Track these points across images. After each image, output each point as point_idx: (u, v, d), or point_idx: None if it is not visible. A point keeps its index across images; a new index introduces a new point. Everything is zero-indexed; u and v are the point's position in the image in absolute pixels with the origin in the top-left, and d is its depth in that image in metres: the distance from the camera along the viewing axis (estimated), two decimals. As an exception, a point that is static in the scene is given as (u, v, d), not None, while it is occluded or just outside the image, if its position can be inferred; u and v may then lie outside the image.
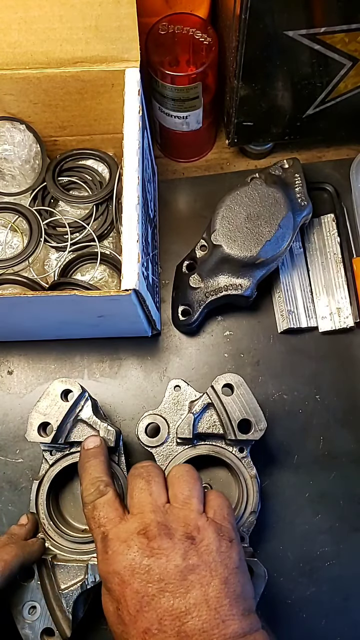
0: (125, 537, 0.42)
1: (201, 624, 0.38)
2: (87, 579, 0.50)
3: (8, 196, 0.65)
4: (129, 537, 0.42)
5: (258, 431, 0.53)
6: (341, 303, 0.66)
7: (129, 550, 0.41)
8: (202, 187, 0.74)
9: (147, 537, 0.41)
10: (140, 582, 0.40)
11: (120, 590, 0.40)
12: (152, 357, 0.67)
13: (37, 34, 0.53)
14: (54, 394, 0.54)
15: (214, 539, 0.42)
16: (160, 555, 0.40)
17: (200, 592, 0.39)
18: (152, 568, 0.40)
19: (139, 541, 0.41)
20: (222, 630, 0.38)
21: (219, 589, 0.40)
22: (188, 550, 0.41)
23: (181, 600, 0.39)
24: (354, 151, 0.74)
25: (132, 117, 0.53)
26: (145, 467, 0.47)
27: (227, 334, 0.67)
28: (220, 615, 0.39)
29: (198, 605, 0.39)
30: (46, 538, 0.54)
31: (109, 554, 0.42)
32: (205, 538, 0.42)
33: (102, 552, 0.43)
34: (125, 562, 0.41)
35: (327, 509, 0.61)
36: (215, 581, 0.40)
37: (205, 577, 0.40)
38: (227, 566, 0.41)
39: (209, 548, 0.41)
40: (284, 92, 0.61)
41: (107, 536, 0.43)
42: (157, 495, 0.44)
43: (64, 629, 0.50)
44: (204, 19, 0.62)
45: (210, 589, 0.39)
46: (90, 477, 0.48)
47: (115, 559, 0.41)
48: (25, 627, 0.50)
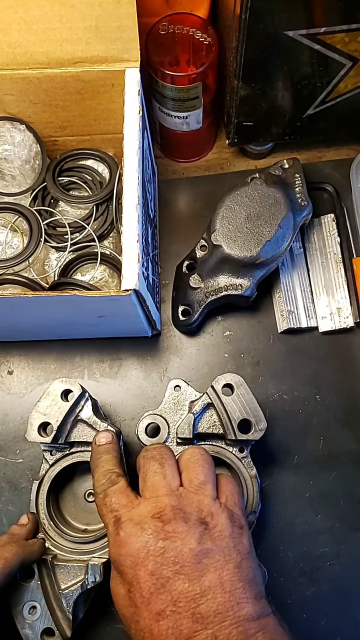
0: (139, 519, 0.42)
1: (216, 606, 0.38)
2: (88, 579, 0.50)
3: (8, 196, 0.65)
4: (142, 520, 0.42)
5: (258, 431, 0.53)
6: (341, 303, 0.66)
7: (143, 533, 0.41)
8: (202, 187, 0.74)
9: (161, 520, 0.41)
10: (155, 564, 0.40)
11: (134, 572, 0.40)
12: (152, 357, 0.67)
13: (37, 34, 0.53)
14: (54, 394, 0.54)
15: (227, 525, 0.42)
16: (175, 539, 0.40)
17: (215, 575, 0.40)
18: (167, 550, 0.40)
19: (154, 524, 0.41)
20: (236, 612, 0.38)
21: (233, 573, 0.40)
22: (202, 535, 0.41)
23: (196, 583, 0.39)
24: (354, 151, 0.74)
25: (132, 117, 0.53)
26: (158, 449, 0.47)
27: (227, 334, 0.67)
28: (234, 597, 0.39)
29: (213, 588, 0.39)
30: (46, 538, 0.54)
31: (121, 536, 0.42)
32: (218, 524, 0.42)
33: (114, 535, 0.42)
34: (139, 544, 0.40)
35: (327, 509, 0.61)
36: (229, 565, 0.40)
37: (219, 561, 0.40)
38: (239, 551, 0.42)
39: (222, 534, 0.42)
40: (284, 92, 0.61)
41: (119, 519, 0.43)
42: (170, 478, 0.44)
43: (64, 629, 0.50)
44: (204, 19, 0.62)
45: (225, 573, 0.40)
46: (103, 469, 0.48)
47: (129, 540, 0.41)
48: (25, 627, 0.50)
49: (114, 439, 0.52)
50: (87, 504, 0.59)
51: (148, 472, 0.45)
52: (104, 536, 0.54)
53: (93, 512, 0.59)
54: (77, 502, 0.59)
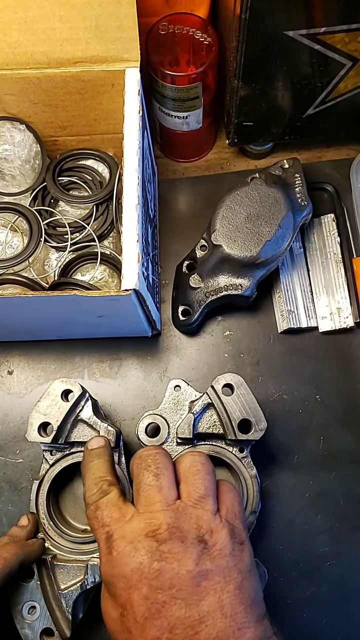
0: (132, 537, 0.39)
1: (216, 633, 0.36)
2: (87, 579, 0.50)
3: (8, 196, 0.65)
4: (136, 539, 0.39)
5: (258, 431, 0.53)
6: (341, 303, 0.66)
7: (137, 553, 0.38)
8: (202, 187, 0.74)
9: (156, 539, 0.39)
10: (150, 587, 0.37)
11: (127, 595, 0.38)
12: (152, 357, 0.67)
13: (37, 34, 0.53)
14: (55, 394, 0.54)
15: (228, 542, 0.40)
16: (171, 560, 0.38)
17: (215, 598, 0.37)
18: (162, 573, 0.37)
19: (148, 544, 0.39)
20: (237, 638, 0.36)
21: (234, 595, 0.38)
22: (201, 555, 0.38)
23: (194, 608, 0.37)
24: (354, 151, 0.74)
25: (132, 117, 0.53)
26: (153, 458, 0.44)
27: (227, 334, 0.67)
28: (236, 623, 0.37)
29: (212, 613, 0.37)
30: (46, 538, 0.54)
31: (113, 555, 0.39)
32: (218, 542, 0.39)
33: (106, 554, 0.40)
34: (133, 565, 0.38)
35: (327, 509, 0.61)
36: (230, 587, 0.38)
37: (219, 582, 0.38)
38: (240, 570, 0.39)
39: (222, 552, 0.39)
40: (284, 92, 0.61)
41: (111, 536, 0.40)
42: (167, 491, 0.41)
43: (63, 629, 0.49)
44: (204, 19, 0.62)
45: (225, 595, 0.37)
46: (94, 476, 0.46)
47: (121, 560, 0.39)
48: (24, 627, 0.50)
49: (106, 443, 0.50)
50: (87, 504, 0.59)
51: (141, 483, 0.42)
52: None
53: (93, 512, 0.59)
54: (77, 502, 0.59)
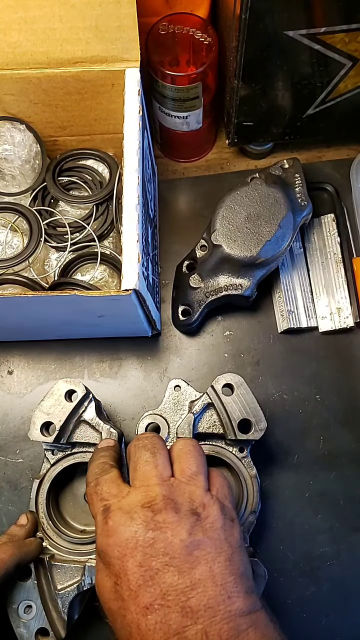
0: (128, 509, 0.41)
1: (206, 600, 0.37)
2: (84, 581, 0.50)
3: (8, 196, 0.65)
4: (132, 509, 0.40)
5: (258, 431, 0.53)
6: (341, 303, 0.66)
7: (132, 522, 0.40)
8: (202, 187, 0.74)
9: (152, 510, 0.40)
10: (144, 555, 0.38)
11: (121, 563, 0.39)
12: (152, 357, 0.67)
13: (37, 34, 0.53)
14: (59, 393, 0.54)
15: (219, 516, 0.41)
16: (165, 529, 0.39)
17: (206, 568, 0.38)
18: (157, 541, 0.39)
19: (144, 514, 0.40)
20: (227, 606, 0.37)
21: (224, 566, 0.39)
22: (194, 526, 0.40)
23: (186, 575, 0.38)
24: (354, 151, 0.74)
25: (132, 117, 0.53)
26: (150, 439, 0.46)
27: (227, 334, 0.67)
28: (226, 591, 0.38)
29: (204, 581, 0.38)
30: (44, 537, 0.54)
31: (109, 525, 0.40)
32: (210, 515, 0.41)
33: (102, 524, 0.41)
34: (128, 534, 0.39)
35: (327, 509, 0.61)
36: (221, 558, 0.39)
37: (211, 553, 0.39)
38: (230, 544, 0.41)
39: (214, 525, 0.41)
40: (284, 92, 0.61)
41: (108, 508, 0.42)
42: (162, 467, 0.43)
43: (58, 630, 0.49)
44: (204, 19, 0.62)
45: (216, 565, 0.39)
46: (98, 462, 0.48)
47: (117, 530, 0.40)
48: (20, 626, 0.50)
49: (115, 443, 0.52)
50: (86, 504, 0.59)
51: (139, 460, 0.44)
52: None
53: (92, 513, 0.59)
54: (76, 502, 0.59)
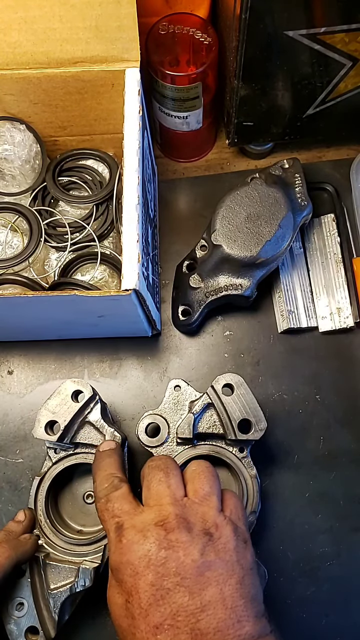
0: (141, 527, 0.41)
1: (216, 623, 0.37)
2: (77, 582, 0.50)
3: (8, 196, 0.65)
4: (145, 527, 0.40)
5: (258, 431, 0.53)
6: (341, 303, 0.66)
7: (146, 541, 0.40)
8: (202, 187, 0.74)
9: (165, 528, 0.40)
10: (156, 574, 0.38)
11: (133, 581, 0.39)
12: (152, 357, 0.67)
13: (37, 34, 0.53)
14: (65, 393, 0.54)
15: (232, 537, 0.41)
16: (178, 549, 0.39)
17: (217, 589, 0.38)
18: (169, 561, 0.39)
19: (157, 532, 0.40)
20: (237, 630, 0.37)
21: (235, 589, 0.39)
22: (206, 546, 0.40)
23: (197, 597, 0.38)
24: (354, 151, 0.74)
25: (132, 117, 0.53)
26: (164, 460, 0.46)
27: (227, 334, 0.67)
28: (236, 614, 0.38)
29: (214, 603, 0.38)
30: (41, 535, 0.54)
31: (123, 543, 0.40)
32: (222, 536, 0.41)
33: (115, 542, 0.41)
34: (141, 553, 0.39)
35: (327, 509, 0.61)
36: (232, 580, 0.39)
37: (222, 575, 0.39)
38: (242, 566, 0.40)
39: (226, 546, 0.41)
40: (284, 92, 0.61)
41: (122, 526, 0.42)
42: (175, 487, 0.43)
43: (48, 629, 0.49)
44: (204, 19, 0.62)
45: (227, 588, 0.39)
46: (105, 473, 0.48)
47: (130, 548, 0.40)
48: (10, 623, 0.50)
49: (117, 446, 0.52)
50: (85, 505, 0.59)
51: (152, 480, 0.44)
52: (98, 540, 0.54)
53: (90, 514, 0.59)
54: (75, 502, 0.59)
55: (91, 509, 0.59)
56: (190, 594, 0.38)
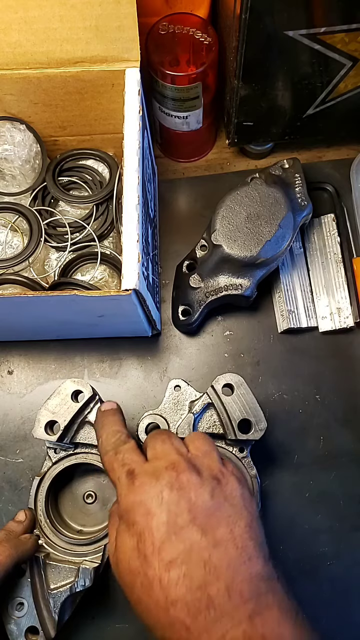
0: (153, 470, 0.42)
1: (228, 559, 0.38)
2: (77, 582, 0.50)
3: (8, 196, 0.65)
4: (157, 471, 0.41)
5: (258, 431, 0.53)
6: (341, 303, 0.66)
7: (158, 482, 0.40)
8: (202, 187, 0.74)
9: (176, 470, 0.41)
10: (169, 512, 0.39)
11: (146, 521, 0.39)
12: (152, 357, 0.67)
13: (37, 34, 0.53)
14: (65, 393, 0.54)
15: (237, 485, 0.43)
16: (189, 490, 0.40)
17: (227, 529, 0.39)
18: (181, 500, 0.40)
19: (168, 474, 0.41)
20: (248, 567, 0.38)
21: (245, 530, 0.40)
22: (215, 489, 0.41)
23: (209, 535, 0.39)
24: (354, 151, 0.74)
25: (132, 117, 0.53)
26: (165, 430, 0.49)
27: (227, 334, 0.67)
28: (246, 553, 0.39)
29: (225, 542, 0.39)
30: (41, 535, 0.54)
31: (135, 485, 0.41)
32: (229, 482, 0.42)
33: (127, 485, 0.42)
34: (154, 492, 0.40)
35: (327, 509, 0.61)
36: (241, 522, 0.40)
37: (231, 516, 0.40)
38: (250, 512, 0.42)
39: (233, 492, 0.42)
40: (284, 92, 0.61)
41: (133, 471, 0.42)
42: (178, 445, 0.45)
43: (48, 629, 0.49)
44: (204, 19, 0.62)
45: (237, 529, 0.40)
46: (111, 429, 0.48)
47: (143, 488, 0.41)
48: (10, 623, 0.50)
49: (118, 407, 0.52)
50: (85, 505, 0.59)
51: (156, 442, 0.45)
52: (98, 540, 0.54)
53: (90, 514, 0.59)
54: (75, 502, 0.59)
55: (91, 509, 0.59)
56: (202, 532, 0.39)
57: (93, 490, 0.60)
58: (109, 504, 0.59)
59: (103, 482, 0.60)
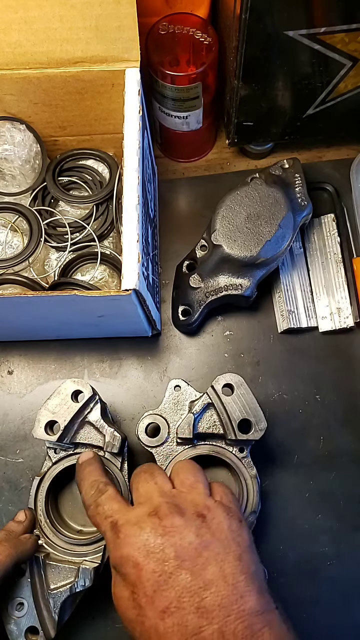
0: (135, 520, 0.42)
1: (220, 599, 0.38)
2: (77, 582, 0.50)
3: (8, 196, 0.65)
4: (140, 520, 0.41)
5: (258, 431, 0.53)
6: (341, 303, 0.66)
7: (142, 532, 0.41)
8: (202, 187, 0.74)
9: (158, 517, 0.41)
10: (156, 561, 0.39)
11: (136, 572, 0.39)
12: (152, 357, 0.67)
13: (37, 34, 0.53)
14: (65, 393, 0.54)
15: (224, 517, 0.42)
16: (174, 533, 0.40)
17: (217, 568, 0.39)
18: (167, 546, 0.40)
19: (151, 521, 0.41)
20: (240, 605, 0.38)
21: (234, 565, 0.40)
22: (200, 528, 0.41)
23: (199, 577, 0.39)
24: (354, 151, 0.74)
25: (132, 117, 0.53)
26: (147, 465, 0.48)
27: (227, 334, 0.67)
28: (238, 590, 0.38)
29: (216, 581, 0.38)
30: (41, 535, 0.54)
31: (120, 538, 0.41)
32: (215, 516, 0.42)
33: (113, 540, 0.42)
34: (139, 544, 0.40)
35: (327, 509, 0.61)
36: (230, 557, 0.40)
37: (220, 553, 0.40)
38: (239, 544, 0.41)
39: (219, 526, 0.42)
40: (284, 92, 0.61)
41: (116, 523, 0.42)
42: (162, 483, 0.45)
43: (48, 629, 0.49)
44: (204, 19, 0.62)
45: (226, 565, 0.39)
46: (89, 481, 0.49)
47: (128, 541, 0.41)
48: (10, 623, 0.50)
49: (95, 455, 0.53)
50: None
51: (139, 482, 0.46)
52: (98, 540, 0.54)
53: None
54: (75, 502, 0.59)
55: (91, 509, 0.59)
56: (192, 574, 0.39)
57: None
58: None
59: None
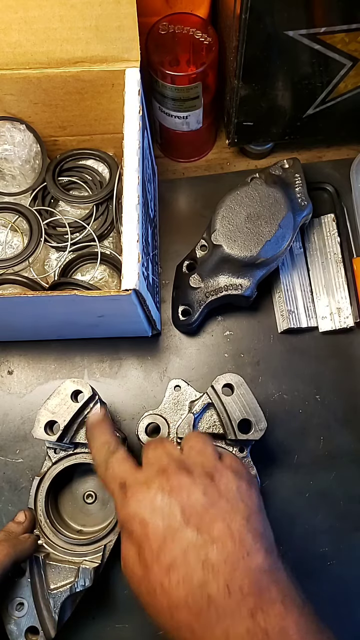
0: (144, 479, 0.42)
1: (225, 555, 0.38)
2: (77, 582, 0.50)
3: (8, 196, 0.65)
4: (148, 479, 0.42)
5: (258, 431, 0.53)
6: (341, 303, 0.66)
7: (149, 490, 0.41)
8: (202, 187, 0.74)
9: (166, 476, 0.41)
10: (162, 518, 0.39)
11: (142, 529, 0.40)
12: (152, 357, 0.67)
13: (37, 34, 0.53)
14: (65, 393, 0.54)
15: (233, 478, 0.42)
16: (181, 491, 0.40)
17: (223, 525, 0.39)
18: (174, 504, 0.40)
19: (159, 480, 0.41)
20: (246, 562, 0.38)
21: (242, 524, 0.39)
22: (208, 487, 0.41)
23: (205, 533, 0.39)
24: (354, 151, 0.74)
25: (132, 117, 0.53)
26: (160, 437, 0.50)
27: (227, 334, 0.67)
28: (244, 547, 0.38)
29: (222, 537, 0.38)
30: (41, 535, 0.54)
31: (128, 497, 0.41)
32: (224, 477, 0.42)
33: (121, 498, 0.42)
34: (146, 501, 0.40)
35: (327, 509, 0.61)
36: (238, 517, 0.40)
37: (228, 512, 0.40)
38: (247, 505, 0.41)
39: (228, 486, 0.41)
40: (284, 92, 0.61)
41: (125, 483, 0.43)
42: (171, 448, 0.45)
43: (48, 629, 0.50)
44: (204, 19, 0.62)
45: (233, 524, 0.39)
46: (99, 441, 0.48)
47: (136, 499, 0.41)
48: (10, 623, 0.50)
49: (104, 413, 0.52)
50: (85, 505, 0.59)
51: (149, 449, 0.45)
52: (98, 540, 0.54)
53: (90, 514, 0.59)
54: (75, 502, 0.59)
55: (91, 509, 0.59)
56: (198, 530, 0.39)
57: (93, 490, 0.60)
58: (109, 503, 0.59)
59: (103, 482, 0.60)
